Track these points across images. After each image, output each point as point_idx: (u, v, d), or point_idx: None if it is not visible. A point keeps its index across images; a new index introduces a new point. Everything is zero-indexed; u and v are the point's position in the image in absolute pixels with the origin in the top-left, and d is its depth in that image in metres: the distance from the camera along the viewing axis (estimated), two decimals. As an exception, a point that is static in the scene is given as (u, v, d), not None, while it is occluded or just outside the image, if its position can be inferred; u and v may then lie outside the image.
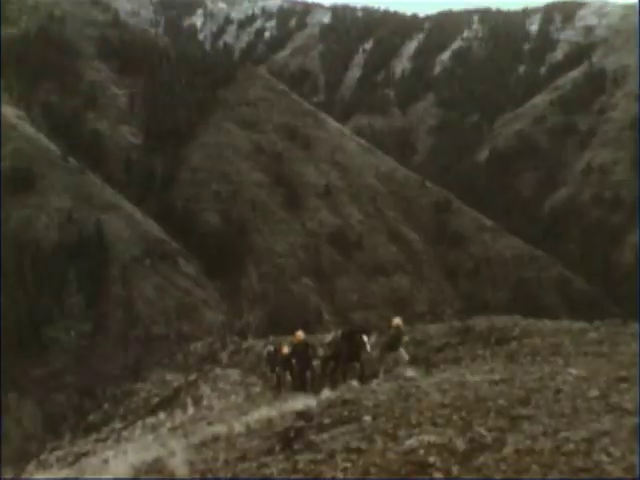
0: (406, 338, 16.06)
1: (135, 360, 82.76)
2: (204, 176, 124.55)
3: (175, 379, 29.63)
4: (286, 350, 18.56)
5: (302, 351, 16.90)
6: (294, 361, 17.45)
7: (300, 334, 17.16)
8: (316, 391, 13.51)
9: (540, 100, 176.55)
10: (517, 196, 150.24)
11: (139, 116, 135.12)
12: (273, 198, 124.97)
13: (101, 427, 26.85)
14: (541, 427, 6.86)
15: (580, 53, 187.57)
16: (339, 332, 16.13)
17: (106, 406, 32.09)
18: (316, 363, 17.55)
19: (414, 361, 15.30)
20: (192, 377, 27.50)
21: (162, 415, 22.44)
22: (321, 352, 17.30)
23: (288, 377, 18.82)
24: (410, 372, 12.56)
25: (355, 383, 13.05)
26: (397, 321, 14.35)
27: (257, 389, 22.08)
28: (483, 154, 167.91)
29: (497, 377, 9.55)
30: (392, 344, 14.40)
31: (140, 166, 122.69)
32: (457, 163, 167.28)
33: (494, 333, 16.49)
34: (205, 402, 22.08)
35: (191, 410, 21.33)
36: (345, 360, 15.15)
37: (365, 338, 14.74)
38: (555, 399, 7.88)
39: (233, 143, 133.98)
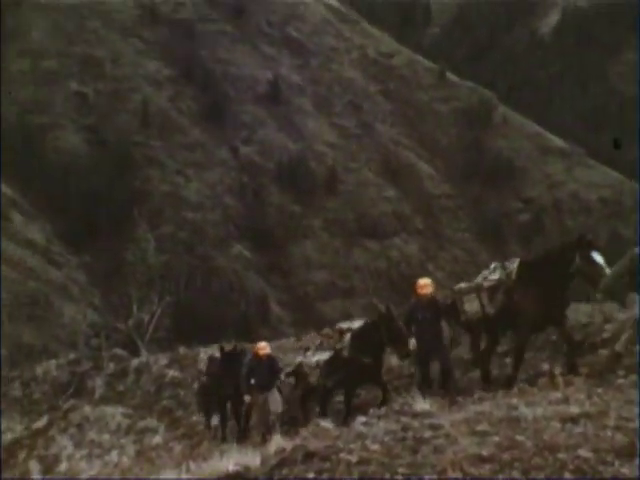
0: None
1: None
2: (53, 64, 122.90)
3: (8, 428, 29.54)
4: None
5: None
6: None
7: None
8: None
9: None
10: (610, 94, 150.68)
11: None
12: (179, 103, 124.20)
13: None
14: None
15: None
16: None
17: None
18: None
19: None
20: (39, 423, 27.67)
21: (-17, 495, 22.51)
22: None
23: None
24: (421, 402, 12.59)
25: (326, 423, 13.04)
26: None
27: (157, 439, 22.30)
28: (550, 20, 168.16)
29: (576, 410, 9.56)
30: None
31: None
32: (503, 37, 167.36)
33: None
34: (64, 466, 22.13)
35: (38, 484, 21.38)
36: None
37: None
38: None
39: None
